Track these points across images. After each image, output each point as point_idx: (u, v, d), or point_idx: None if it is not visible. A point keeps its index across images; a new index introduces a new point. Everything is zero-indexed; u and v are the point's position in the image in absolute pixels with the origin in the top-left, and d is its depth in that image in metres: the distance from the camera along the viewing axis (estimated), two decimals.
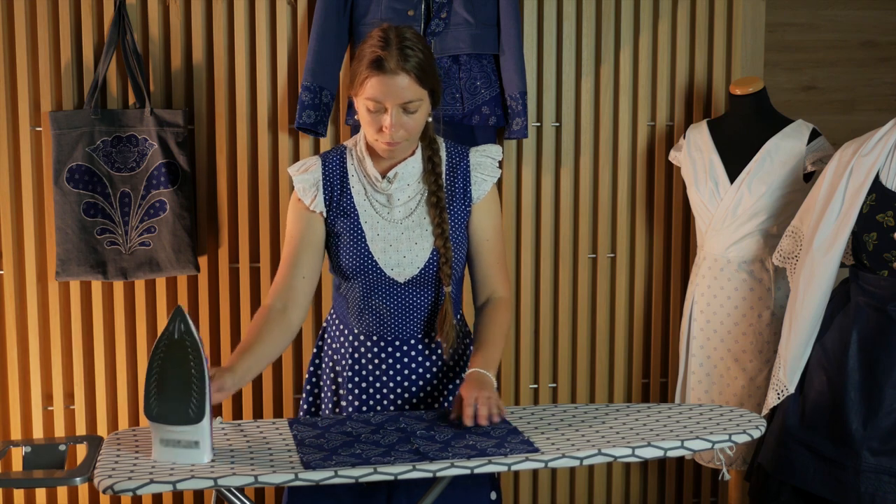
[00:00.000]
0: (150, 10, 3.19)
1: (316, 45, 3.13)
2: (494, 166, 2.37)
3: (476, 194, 2.34)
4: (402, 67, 2.14)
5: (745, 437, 2.06)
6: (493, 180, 2.36)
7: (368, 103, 2.17)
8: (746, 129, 3.13)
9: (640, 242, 3.49)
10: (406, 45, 2.15)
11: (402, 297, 2.32)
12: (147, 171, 3.16)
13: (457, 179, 2.34)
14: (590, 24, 3.38)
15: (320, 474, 1.87)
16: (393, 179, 2.28)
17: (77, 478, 1.97)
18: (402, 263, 2.29)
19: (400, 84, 2.14)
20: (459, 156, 2.36)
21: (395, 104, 2.16)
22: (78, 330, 3.26)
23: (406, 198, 2.30)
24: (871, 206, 2.64)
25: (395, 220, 2.30)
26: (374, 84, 2.15)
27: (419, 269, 2.30)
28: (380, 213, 2.30)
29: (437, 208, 2.29)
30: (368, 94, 2.16)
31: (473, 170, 2.35)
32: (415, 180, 2.31)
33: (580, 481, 3.55)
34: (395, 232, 2.29)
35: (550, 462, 1.94)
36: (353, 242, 2.29)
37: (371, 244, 2.29)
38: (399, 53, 2.14)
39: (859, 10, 3.66)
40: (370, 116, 2.19)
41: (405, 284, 2.31)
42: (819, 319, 2.73)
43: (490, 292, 2.38)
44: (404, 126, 2.19)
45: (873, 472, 2.57)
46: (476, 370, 2.21)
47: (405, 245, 2.29)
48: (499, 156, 2.38)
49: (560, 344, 3.48)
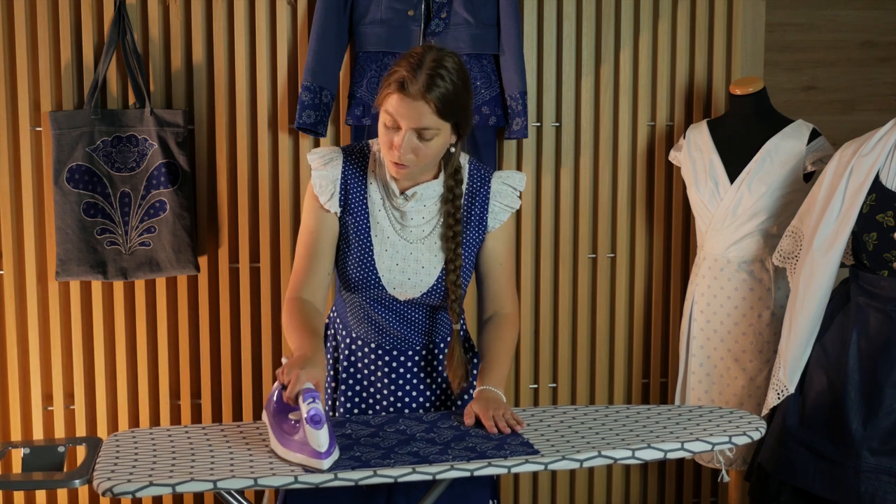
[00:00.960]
0: (150, 10, 3.19)
1: (316, 45, 3.13)
2: (515, 196, 2.31)
3: (492, 224, 2.30)
4: (422, 95, 2.07)
5: (745, 438, 2.06)
6: (511, 212, 2.31)
7: (386, 117, 2.11)
8: (746, 129, 3.13)
9: (640, 242, 3.49)
10: (439, 72, 2.08)
11: (401, 312, 2.30)
12: (147, 171, 3.16)
13: (474, 205, 2.28)
14: (590, 24, 3.37)
15: (320, 477, 1.87)
16: (411, 198, 2.22)
17: (76, 480, 1.98)
18: (406, 285, 2.26)
19: (418, 110, 2.08)
20: (481, 180, 2.30)
21: (410, 127, 2.09)
22: (78, 330, 3.26)
23: (421, 220, 2.26)
24: (871, 206, 2.64)
25: (406, 240, 2.25)
26: (393, 101, 2.09)
27: (422, 293, 2.27)
28: (393, 228, 2.25)
29: (452, 242, 2.24)
30: (386, 109, 2.11)
31: (493, 197, 2.30)
32: (432, 203, 2.25)
33: (580, 483, 3.55)
34: (404, 251, 2.25)
35: (550, 464, 1.94)
36: (359, 253, 2.25)
37: (377, 259, 2.24)
38: (427, 80, 2.07)
39: (859, 10, 3.66)
40: (385, 130, 2.13)
41: (405, 303, 2.29)
42: (819, 319, 2.73)
43: (497, 308, 2.35)
44: (415, 151, 2.12)
45: (873, 472, 2.57)
46: (486, 388, 2.19)
47: (412, 267, 2.25)
48: (521, 186, 2.32)
49: (560, 344, 3.48)
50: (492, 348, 2.28)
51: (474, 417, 2.14)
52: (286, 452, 1.95)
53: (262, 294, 3.30)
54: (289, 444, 1.95)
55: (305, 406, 1.92)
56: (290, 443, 1.95)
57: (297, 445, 1.94)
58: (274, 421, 2.01)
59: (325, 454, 1.90)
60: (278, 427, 1.99)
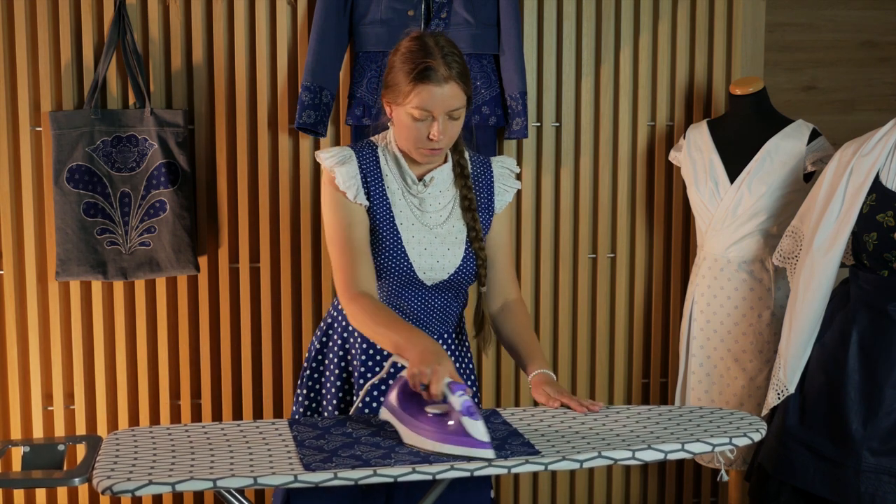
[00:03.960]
0: (150, 10, 3.19)
1: (316, 45, 3.13)
2: (513, 178, 2.41)
3: (499, 205, 2.38)
4: (450, 76, 2.15)
5: (746, 439, 2.06)
6: (514, 191, 2.40)
7: (415, 112, 2.16)
8: (746, 129, 3.13)
9: (640, 242, 3.49)
10: (447, 52, 2.17)
11: (426, 298, 2.33)
12: (147, 171, 3.16)
13: (482, 189, 2.36)
14: (590, 24, 3.37)
15: (320, 476, 1.87)
16: (429, 183, 2.29)
17: (76, 478, 1.98)
18: (435, 268, 2.30)
19: (448, 93, 2.16)
20: (483, 165, 2.38)
21: (443, 111, 2.17)
22: (78, 330, 3.26)
23: (439, 205, 2.32)
24: (871, 206, 2.63)
25: (429, 225, 2.31)
26: (423, 94, 2.15)
27: (449, 275, 2.31)
28: (414, 215, 2.31)
29: (469, 211, 2.31)
30: (416, 104, 2.16)
31: (497, 180, 2.38)
32: (446, 188, 2.33)
33: (580, 483, 3.55)
34: (430, 236, 2.30)
35: (550, 465, 1.94)
36: (390, 241, 2.28)
37: (407, 246, 2.28)
38: (444, 62, 2.15)
39: (859, 10, 3.66)
40: (416, 125, 2.18)
41: (431, 287, 2.32)
42: (819, 319, 2.72)
43: (505, 296, 2.42)
44: (448, 133, 2.20)
45: (873, 472, 2.56)
46: (545, 371, 2.29)
47: (439, 251, 2.30)
48: (517, 168, 2.43)
49: (560, 344, 3.48)
50: (523, 335, 2.37)
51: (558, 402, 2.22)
52: (443, 446, 1.96)
53: (262, 294, 3.30)
54: (445, 437, 1.97)
55: (458, 399, 1.95)
56: (447, 437, 1.96)
57: (455, 438, 1.95)
58: (410, 418, 2.03)
59: (489, 443, 1.93)
60: (419, 422, 2.01)
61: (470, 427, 1.93)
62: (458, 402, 1.95)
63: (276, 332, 3.33)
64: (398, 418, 2.05)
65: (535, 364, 2.31)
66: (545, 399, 2.24)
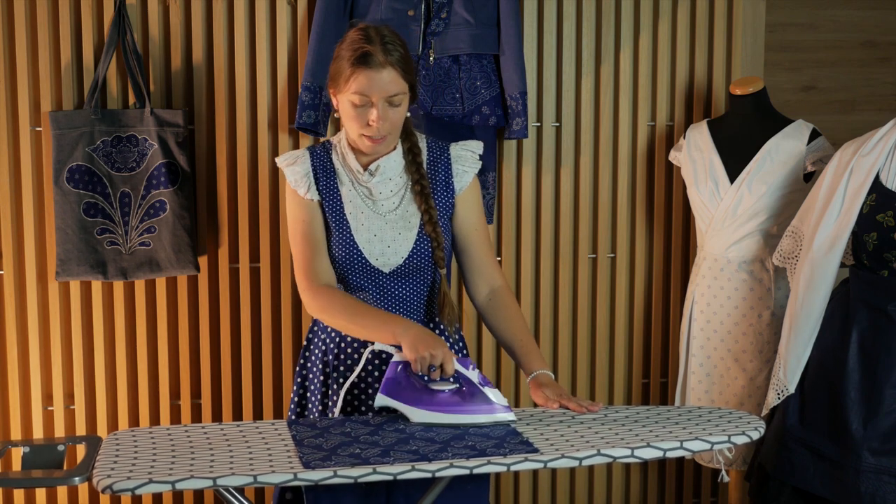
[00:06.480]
0: (150, 10, 3.19)
1: (316, 45, 3.13)
2: (475, 159, 2.43)
3: (458, 186, 2.40)
4: (388, 61, 2.22)
5: (745, 438, 2.06)
6: (474, 172, 2.43)
7: (354, 98, 2.24)
8: (746, 129, 3.13)
9: (640, 242, 3.49)
10: (387, 40, 2.24)
11: (388, 289, 2.35)
12: (147, 171, 3.16)
13: (438, 172, 2.40)
14: (590, 24, 3.38)
15: (319, 474, 1.87)
16: (375, 172, 2.33)
17: (76, 477, 1.98)
18: (387, 253, 2.33)
19: (386, 78, 2.22)
20: (440, 149, 2.42)
21: (381, 98, 2.23)
22: (78, 330, 3.26)
23: (389, 192, 2.36)
24: (871, 206, 2.64)
25: (380, 213, 2.35)
26: (360, 78, 2.22)
27: (403, 258, 2.34)
28: (364, 204, 2.35)
29: (422, 195, 2.35)
30: (355, 89, 2.23)
31: (454, 162, 2.41)
32: (397, 175, 2.36)
33: (580, 482, 3.55)
34: (380, 222, 2.34)
35: (550, 462, 1.94)
36: (339, 232, 2.34)
37: (356, 234, 2.34)
38: (383, 48, 2.22)
39: (859, 10, 3.66)
40: (356, 112, 2.25)
41: (390, 275, 2.34)
42: (819, 319, 2.73)
43: (490, 282, 2.43)
44: (389, 119, 2.26)
45: (873, 472, 2.57)
46: (544, 372, 2.32)
47: (389, 235, 2.34)
48: (479, 149, 2.45)
49: (560, 344, 3.48)
50: (518, 332, 2.39)
51: (557, 404, 2.25)
52: (466, 417, 2.12)
53: (262, 294, 3.30)
54: (467, 409, 2.13)
55: (474, 373, 2.15)
56: (471, 409, 2.13)
57: (477, 408, 2.13)
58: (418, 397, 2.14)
59: (510, 407, 2.15)
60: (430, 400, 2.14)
61: (493, 395, 2.13)
62: (474, 376, 2.14)
63: (276, 332, 3.33)
64: (403, 401, 2.15)
65: (534, 364, 2.32)
66: (544, 401, 2.26)
